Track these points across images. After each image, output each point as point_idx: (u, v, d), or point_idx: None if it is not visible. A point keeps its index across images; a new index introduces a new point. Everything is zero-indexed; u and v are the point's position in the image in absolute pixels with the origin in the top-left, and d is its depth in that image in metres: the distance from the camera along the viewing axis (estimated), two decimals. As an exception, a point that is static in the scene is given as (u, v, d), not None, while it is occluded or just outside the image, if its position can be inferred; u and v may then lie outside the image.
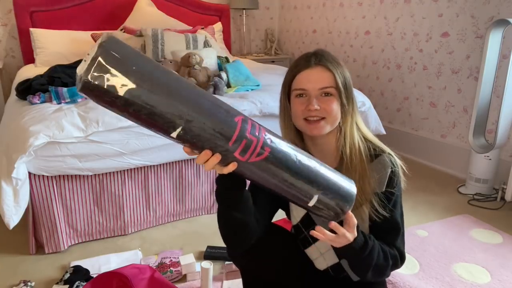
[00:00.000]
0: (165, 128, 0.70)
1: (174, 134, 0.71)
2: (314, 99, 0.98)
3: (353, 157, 1.01)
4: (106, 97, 0.65)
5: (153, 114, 0.68)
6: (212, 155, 0.75)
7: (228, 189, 0.90)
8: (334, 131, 1.03)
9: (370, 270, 0.97)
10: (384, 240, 1.03)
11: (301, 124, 1.02)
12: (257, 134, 0.77)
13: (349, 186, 0.88)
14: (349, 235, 0.89)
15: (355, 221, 0.90)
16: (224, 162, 0.77)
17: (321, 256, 1.11)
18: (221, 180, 0.90)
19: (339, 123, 1.02)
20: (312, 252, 1.13)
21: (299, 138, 1.08)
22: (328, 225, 0.88)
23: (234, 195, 0.91)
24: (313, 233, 0.88)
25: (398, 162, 1.04)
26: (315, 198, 0.83)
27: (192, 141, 0.73)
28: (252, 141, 0.76)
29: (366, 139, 1.06)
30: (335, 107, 0.99)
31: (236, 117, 0.76)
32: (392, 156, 1.04)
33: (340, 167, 1.03)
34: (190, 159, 2.05)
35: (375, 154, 1.03)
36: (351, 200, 0.87)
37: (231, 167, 0.77)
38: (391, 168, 1.02)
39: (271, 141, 0.79)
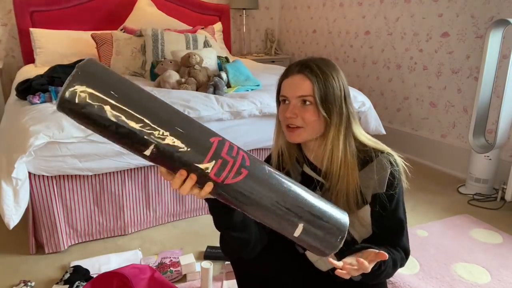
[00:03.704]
0: (137, 147, 0.70)
1: (147, 152, 0.71)
2: (291, 107, 0.99)
3: (337, 170, 1.01)
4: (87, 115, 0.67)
5: (124, 131, 0.69)
6: (187, 176, 0.73)
7: (222, 216, 0.91)
8: (320, 141, 1.03)
9: (381, 279, 1.00)
10: (389, 239, 1.04)
11: (284, 130, 1.04)
12: (234, 155, 0.75)
13: (340, 217, 0.82)
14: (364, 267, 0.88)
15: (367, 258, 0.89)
16: (200, 184, 0.74)
17: (321, 259, 1.11)
18: (213, 210, 0.91)
19: (324, 133, 1.01)
20: (312, 255, 1.13)
21: (294, 144, 1.08)
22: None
23: (229, 218, 0.91)
24: (338, 273, 0.86)
25: (399, 161, 1.04)
26: (300, 227, 0.78)
27: (166, 160, 0.72)
28: (228, 161, 0.73)
29: (364, 145, 1.04)
30: (312, 116, 0.98)
31: (212, 137, 0.74)
32: (392, 156, 1.03)
33: (327, 176, 1.04)
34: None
35: (374, 155, 1.02)
36: (342, 232, 0.81)
37: (207, 189, 0.74)
38: (390, 168, 1.01)
39: (250, 164, 0.76)
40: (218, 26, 3.81)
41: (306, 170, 1.09)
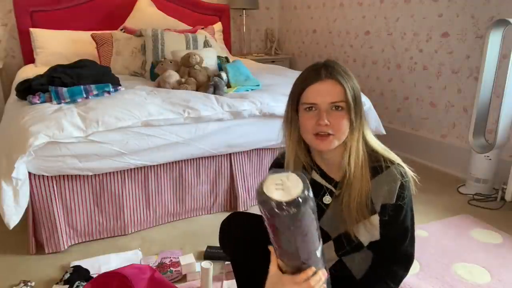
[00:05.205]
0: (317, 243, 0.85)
1: (318, 252, 0.86)
2: (324, 114, 0.96)
3: (356, 173, 1.00)
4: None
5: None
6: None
7: None
8: (341, 146, 1.01)
9: None
10: (391, 246, 1.05)
11: (310, 138, 1.01)
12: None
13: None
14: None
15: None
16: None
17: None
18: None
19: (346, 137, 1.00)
20: None
21: (304, 151, 1.07)
22: None
23: None
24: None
25: (409, 172, 1.03)
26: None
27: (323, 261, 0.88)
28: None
29: (374, 151, 1.04)
30: (345, 122, 0.97)
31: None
32: (402, 167, 1.02)
33: (342, 181, 1.04)
34: (190, 159, 2.05)
35: (385, 166, 1.01)
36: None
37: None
38: (401, 180, 1.00)
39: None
40: (218, 26, 3.81)
41: (315, 177, 1.08)
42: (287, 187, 0.76)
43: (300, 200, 0.75)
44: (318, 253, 0.86)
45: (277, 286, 0.88)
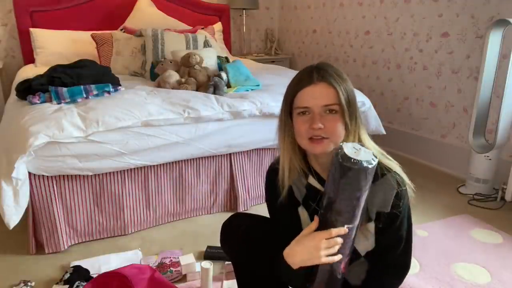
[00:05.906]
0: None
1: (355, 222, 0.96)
2: (317, 117, 0.95)
3: None
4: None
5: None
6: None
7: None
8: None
9: None
10: (385, 252, 1.04)
11: (305, 143, 1.00)
12: None
13: None
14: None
15: None
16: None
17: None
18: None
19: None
20: None
21: (299, 155, 1.06)
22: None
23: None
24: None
25: (406, 180, 1.01)
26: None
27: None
28: None
29: None
30: (340, 126, 0.96)
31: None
32: (399, 175, 1.00)
33: None
34: (190, 159, 2.05)
35: (381, 173, 0.99)
36: None
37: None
38: (397, 188, 0.98)
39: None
40: (218, 26, 3.81)
41: (312, 182, 1.07)
42: (360, 153, 0.90)
43: (364, 165, 0.87)
44: (355, 221, 0.94)
45: (306, 238, 0.93)
